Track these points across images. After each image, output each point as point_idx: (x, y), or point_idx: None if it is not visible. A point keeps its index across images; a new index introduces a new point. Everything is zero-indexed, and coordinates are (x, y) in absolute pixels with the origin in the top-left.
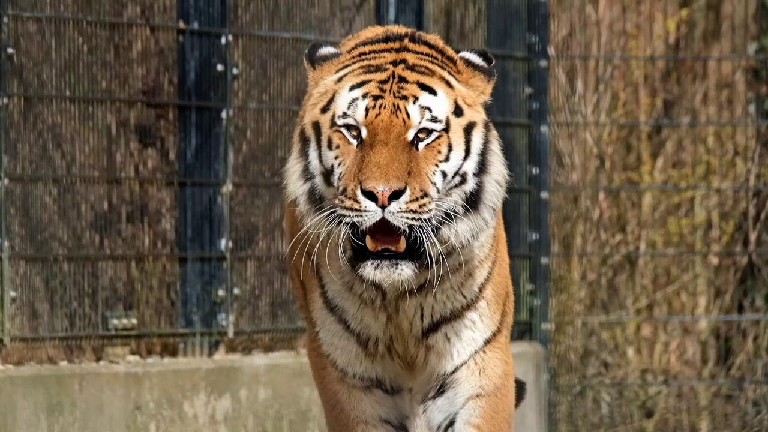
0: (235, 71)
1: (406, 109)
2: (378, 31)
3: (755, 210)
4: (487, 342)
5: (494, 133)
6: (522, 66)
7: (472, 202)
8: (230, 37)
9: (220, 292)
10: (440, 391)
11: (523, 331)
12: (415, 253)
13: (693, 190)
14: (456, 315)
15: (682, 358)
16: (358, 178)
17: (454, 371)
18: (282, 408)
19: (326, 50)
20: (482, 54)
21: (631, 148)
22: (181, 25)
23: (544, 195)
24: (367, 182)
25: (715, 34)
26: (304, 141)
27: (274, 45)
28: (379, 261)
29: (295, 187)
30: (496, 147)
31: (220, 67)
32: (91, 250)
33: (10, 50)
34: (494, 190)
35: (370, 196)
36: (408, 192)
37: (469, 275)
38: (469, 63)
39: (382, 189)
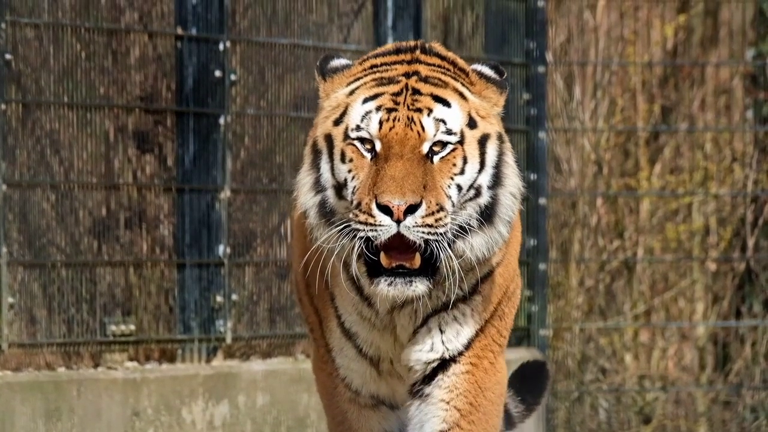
0: (233, 77)
1: (420, 122)
2: (388, 46)
3: (753, 216)
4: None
5: (508, 144)
6: (520, 72)
7: (487, 215)
8: (228, 43)
9: (218, 298)
10: (424, 395)
11: (520, 337)
12: (429, 269)
13: (691, 196)
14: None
15: (679, 364)
16: (373, 192)
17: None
18: (280, 414)
19: (337, 62)
20: (494, 67)
21: (628, 154)
22: (179, 31)
23: (542, 201)
24: (382, 196)
25: (713, 40)
26: (316, 153)
27: (272, 51)
28: (393, 278)
29: (306, 198)
30: (510, 159)
31: (218, 73)
32: (89, 256)
33: (8, 56)
34: (509, 203)
35: (386, 210)
36: (424, 206)
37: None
38: (481, 75)
39: (397, 203)
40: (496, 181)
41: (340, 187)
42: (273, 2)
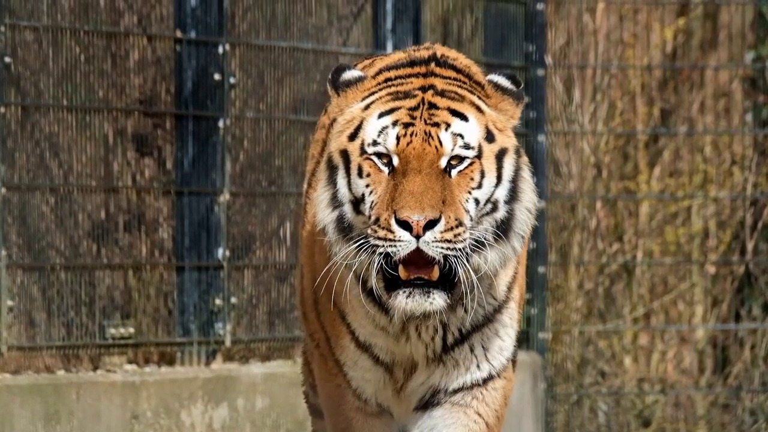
0: (232, 80)
1: (438, 137)
2: (401, 54)
3: (752, 219)
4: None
5: (525, 159)
6: (519, 75)
7: (503, 230)
8: (227, 46)
9: (218, 301)
10: (451, 402)
11: (519, 340)
12: (448, 283)
13: (690, 199)
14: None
15: (679, 367)
16: (391, 207)
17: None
18: (279, 417)
19: (350, 74)
20: (510, 77)
21: (628, 157)
22: (179, 34)
23: (541, 204)
24: (401, 212)
25: (713, 43)
26: (332, 169)
27: (272, 54)
28: (411, 289)
29: (324, 214)
30: (527, 174)
31: (217, 76)
32: (89, 259)
33: (7, 59)
34: (524, 218)
35: (405, 225)
36: (443, 221)
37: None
38: (497, 86)
39: (417, 219)
40: (513, 195)
41: (357, 202)
42: (272, 5)
